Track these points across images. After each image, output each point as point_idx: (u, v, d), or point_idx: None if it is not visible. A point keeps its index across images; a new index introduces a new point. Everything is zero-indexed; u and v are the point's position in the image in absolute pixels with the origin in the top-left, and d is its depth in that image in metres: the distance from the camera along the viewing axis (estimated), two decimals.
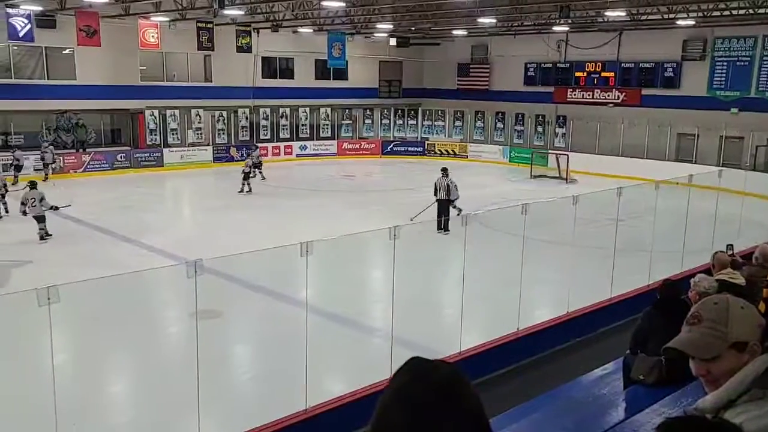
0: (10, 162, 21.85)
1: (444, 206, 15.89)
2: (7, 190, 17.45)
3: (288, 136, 29.52)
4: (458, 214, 15.09)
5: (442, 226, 14.96)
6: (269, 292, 11.08)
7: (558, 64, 29.39)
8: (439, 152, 30.46)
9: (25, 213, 14.64)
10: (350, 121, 31.37)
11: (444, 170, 16.70)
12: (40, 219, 14.73)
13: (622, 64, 27.38)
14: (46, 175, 21.68)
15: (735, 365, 1.78)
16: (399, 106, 32.38)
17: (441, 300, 11.43)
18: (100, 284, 7.60)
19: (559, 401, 5.74)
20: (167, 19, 24.04)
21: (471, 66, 32.49)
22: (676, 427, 1.38)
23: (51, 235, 14.86)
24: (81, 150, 24.68)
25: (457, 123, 31.17)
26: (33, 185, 15.18)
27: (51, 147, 22.77)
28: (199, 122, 27.03)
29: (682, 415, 1.43)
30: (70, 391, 6.81)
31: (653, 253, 10.85)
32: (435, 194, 16.19)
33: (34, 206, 14.67)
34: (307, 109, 30.07)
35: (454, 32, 29.85)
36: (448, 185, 16.07)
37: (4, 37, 21.49)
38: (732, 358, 1.78)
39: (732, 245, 7.29)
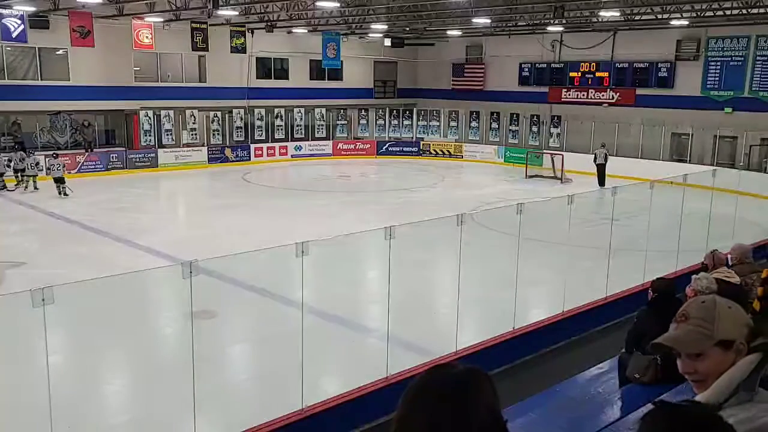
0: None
1: (602, 169, 22.91)
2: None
3: (283, 136, 29.50)
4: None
5: (602, 183, 22.35)
6: (265, 292, 11.06)
7: (552, 64, 29.44)
8: (434, 152, 30.48)
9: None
10: (345, 122, 31.34)
11: (603, 145, 23.80)
12: (62, 180, 19.88)
13: (617, 64, 27.45)
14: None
15: (721, 364, 1.79)
16: (394, 107, 32.37)
17: (437, 299, 11.44)
18: (95, 285, 7.58)
19: (555, 400, 5.76)
20: (161, 19, 23.99)
21: (466, 66, 32.52)
22: (659, 417, 1.39)
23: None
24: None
25: (452, 123, 31.18)
26: (56, 155, 21.04)
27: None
28: (193, 123, 26.96)
29: (668, 402, 1.43)
30: (65, 392, 6.78)
31: (648, 253, 10.89)
32: (594, 161, 23.21)
33: (59, 170, 20.04)
34: (302, 110, 30.04)
35: (449, 32, 29.87)
36: (605, 154, 23.20)
37: None
38: (718, 356, 1.80)
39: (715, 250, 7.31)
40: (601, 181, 22.67)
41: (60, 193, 19.64)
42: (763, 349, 1.80)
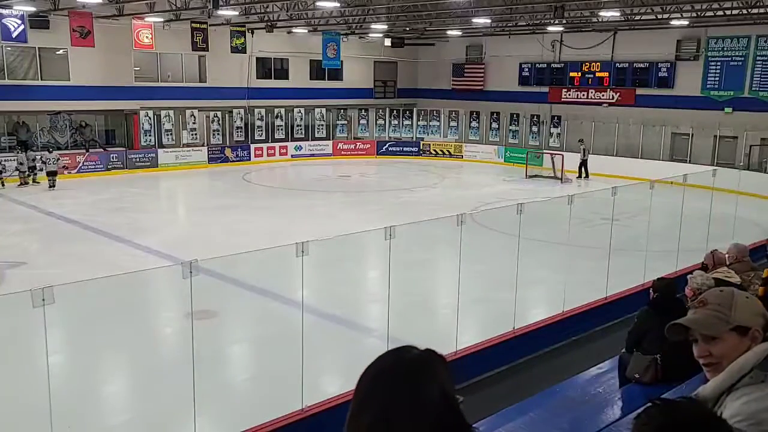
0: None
1: (586, 164, 24.95)
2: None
3: (283, 136, 29.50)
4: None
5: (584, 175, 24.82)
6: (265, 292, 11.06)
7: (552, 64, 29.44)
8: (434, 152, 30.48)
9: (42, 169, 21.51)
10: (345, 122, 31.34)
11: (581, 140, 25.56)
12: (55, 173, 21.35)
13: (617, 64, 27.45)
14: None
15: (736, 349, 1.83)
16: (394, 107, 32.37)
17: (437, 299, 11.43)
18: (95, 285, 7.59)
19: (555, 400, 5.76)
20: (161, 19, 23.98)
21: (466, 66, 32.52)
22: (654, 414, 1.38)
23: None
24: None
25: (452, 123, 31.18)
26: (51, 150, 22.34)
27: None
28: (193, 123, 26.96)
29: (664, 399, 1.43)
30: (65, 393, 6.78)
31: (648, 253, 10.88)
32: (583, 156, 25.06)
33: (54, 164, 21.42)
34: (302, 110, 30.04)
35: (449, 32, 29.87)
36: (588, 150, 25.41)
37: None
38: (733, 340, 1.84)
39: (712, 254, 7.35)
40: (587, 174, 24.86)
41: (50, 187, 20.98)
42: None
